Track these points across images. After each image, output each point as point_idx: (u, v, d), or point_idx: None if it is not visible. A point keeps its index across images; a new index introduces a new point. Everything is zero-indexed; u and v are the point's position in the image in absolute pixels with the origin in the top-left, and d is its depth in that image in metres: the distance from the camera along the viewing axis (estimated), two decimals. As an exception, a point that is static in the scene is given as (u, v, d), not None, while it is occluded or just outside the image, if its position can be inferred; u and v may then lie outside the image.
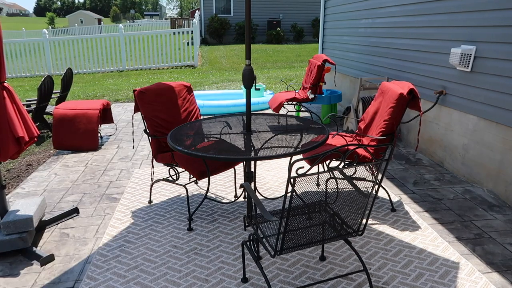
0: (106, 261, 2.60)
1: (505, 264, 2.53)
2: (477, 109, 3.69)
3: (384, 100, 3.28)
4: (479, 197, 3.48)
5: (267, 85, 9.43)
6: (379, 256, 2.60)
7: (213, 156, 2.36)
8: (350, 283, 2.35)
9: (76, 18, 61.26)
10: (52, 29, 34.86)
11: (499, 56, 3.38)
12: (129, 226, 3.04)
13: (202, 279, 2.40)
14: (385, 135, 3.11)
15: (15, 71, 12.37)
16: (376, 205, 3.32)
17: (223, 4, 22.04)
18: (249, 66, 2.71)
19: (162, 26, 32.05)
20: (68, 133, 4.85)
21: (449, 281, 2.35)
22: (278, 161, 4.36)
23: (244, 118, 3.30)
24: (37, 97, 5.15)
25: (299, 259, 2.58)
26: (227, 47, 19.09)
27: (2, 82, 2.45)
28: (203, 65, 13.83)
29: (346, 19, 6.67)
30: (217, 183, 3.78)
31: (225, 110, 6.57)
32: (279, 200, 3.41)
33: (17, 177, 4.12)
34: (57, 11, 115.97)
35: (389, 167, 4.18)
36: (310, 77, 5.43)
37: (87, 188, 3.76)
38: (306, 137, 2.77)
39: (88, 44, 12.81)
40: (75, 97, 8.37)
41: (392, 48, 5.15)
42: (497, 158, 3.49)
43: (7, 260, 2.63)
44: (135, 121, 6.23)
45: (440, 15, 4.15)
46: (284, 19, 22.25)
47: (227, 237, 2.86)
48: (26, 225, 2.64)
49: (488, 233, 2.90)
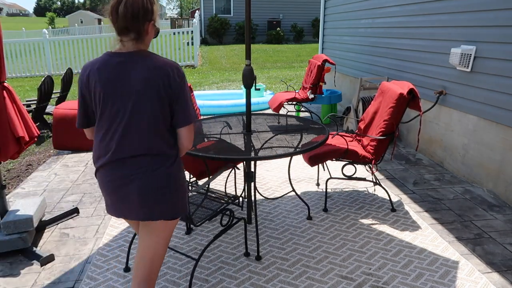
0: (106, 261, 2.60)
1: (505, 264, 2.53)
2: (477, 109, 3.69)
3: (384, 100, 3.28)
4: (479, 197, 3.48)
5: (267, 85, 9.43)
6: (379, 256, 2.60)
7: (213, 156, 2.36)
8: (350, 283, 2.35)
9: (76, 18, 61.26)
10: (52, 29, 34.87)
11: (499, 56, 3.38)
12: (129, 226, 3.04)
13: (202, 279, 2.40)
14: (385, 135, 3.11)
15: (15, 71, 12.37)
16: (376, 205, 3.33)
17: (223, 4, 22.04)
18: (249, 66, 2.71)
19: (162, 26, 32.08)
20: (68, 133, 4.85)
21: (449, 281, 2.35)
22: (278, 161, 4.36)
23: (244, 118, 3.30)
24: (37, 97, 5.15)
25: (299, 259, 2.58)
26: (227, 47, 19.09)
27: (2, 82, 2.45)
28: (203, 65, 13.83)
29: (346, 19, 6.67)
30: (217, 183, 3.78)
31: (225, 110, 6.57)
32: (279, 200, 3.41)
33: (17, 177, 4.12)
34: (57, 11, 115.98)
35: (389, 167, 4.18)
36: (310, 77, 5.43)
37: (87, 188, 3.76)
38: (306, 137, 2.77)
39: (88, 44, 12.80)
40: (75, 97, 8.37)
41: (392, 48, 5.15)
42: (497, 158, 3.49)
43: (7, 260, 2.63)
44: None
45: (440, 15, 4.15)
46: (284, 19, 22.24)
47: (227, 237, 2.86)
48: (26, 225, 2.64)
49: (488, 233, 2.90)
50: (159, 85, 1.51)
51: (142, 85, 1.51)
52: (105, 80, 1.52)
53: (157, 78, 1.51)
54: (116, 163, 1.57)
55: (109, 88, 1.52)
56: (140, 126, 1.54)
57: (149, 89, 1.51)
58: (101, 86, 1.52)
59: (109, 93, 1.53)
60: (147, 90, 1.51)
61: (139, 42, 1.56)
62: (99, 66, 1.54)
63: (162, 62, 1.54)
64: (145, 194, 1.56)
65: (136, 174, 1.55)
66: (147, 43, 1.59)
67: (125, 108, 1.53)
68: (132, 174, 1.55)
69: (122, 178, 1.56)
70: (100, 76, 1.52)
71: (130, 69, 1.52)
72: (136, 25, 1.51)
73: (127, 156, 1.55)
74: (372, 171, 3.26)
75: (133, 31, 1.52)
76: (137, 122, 1.54)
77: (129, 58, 1.53)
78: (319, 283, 2.35)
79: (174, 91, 1.54)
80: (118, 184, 1.57)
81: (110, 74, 1.52)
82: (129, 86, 1.51)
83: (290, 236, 2.86)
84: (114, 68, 1.52)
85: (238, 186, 3.66)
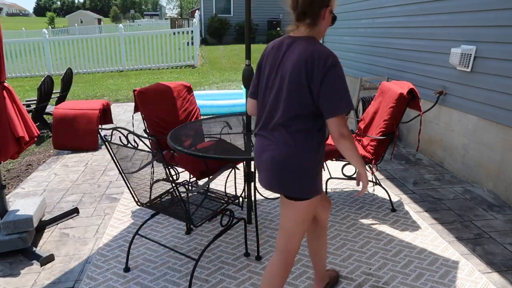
0: (106, 261, 2.60)
1: (505, 264, 2.53)
2: (477, 109, 3.69)
3: (384, 100, 3.28)
4: (479, 197, 3.48)
5: (267, 85, 9.41)
6: (379, 256, 2.60)
7: (214, 156, 2.36)
8: (350, 283, 2.35)
9: (76, 18, 61.24)
10: (52, 29, 34.86)
11: (499, 56, 3.38)
12: (129, 226, 3.04)
13: (202, 279, 2.40)
14: (385, 135, 3.11)
15: (15, 71, 12.36)
16: (376, 205, 3.33)
17: (223, 4, 22.04)
18: (249, 66, 2.71)
19: (162, 26, 32.03)
20: (68, 133, 4.85)
21: (449, 281, 2.35)
22: (278, 161, 4.35)
23: (244, 118, 3.30)
24: (37, 97, 5.14)
25: (299, 259, 2.58)
26: (227, 47, 19.09)
27: (2, 82, 2.45)
28: (203, 65, 13.83)
29: (346, 19, 6.67)
30: (217, 183, 3.78)
31: (225, 110, 6.56)
32: (278, 200, 3.41)
33: (17, 177, 4.12)
34: (57, 11, 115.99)
35: (389, 167, 4.18)
36: (310, 77, 5.42)
37: (87, 188, 3.76)
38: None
39: (88, 44, 12.80)
40: (75, 97, 8.37)
41: (392, 48, 5.15)
42: (497, 158, 3.49)
43: (7, 260, 2.63)
44: (135, 121, 6.23)
45: (440, 15, 4.15)
46: (284, 19, 22.24)
47: (227, 237, 2.86)
48: (26, 225, 2.64)
49: (488, 233, 2.90)
50: (304, 71, 1.59)
51: (291, 68, 1.62)
52: (271, 58, 1.73)
53: (302, 64, 1.59)
54: (263, 132, 1.77)
55: (271, 66, 1.72)
56: (282, 106, 1.67)
57: (295, 74, 1.61)
58: (268, 63, 1.74)
59: (270, 70, 1.72)
60: (293, 74, 1.61)
61: (312, 28, 1.66)
62: (274, 45, 1.75)
63: (315, 50, 1.60)
64: (274, 165, 1.70)
65: (272, 145, 1.71)
66: (321, 29, 1.69)
67: (277, 87, 1.69)
68: (270, 145, 1.72)
69: (263, 146, 1.75)
70: (270, 54, 1.74)
71: (290, 52, 1.65)
72: (313, 10, 1.62)
73: (270, 128, 1.73)
74: (372, 171, 3.26)
75: (309, 16, 1.64)
76: (282, 102, 1.66)
77: (295, 42, 1.66)
78: (319, 283, 2.35)
79: (317, 79, 1.58)
80: (259, 151, 1.77)
81: (275, 54, 1.71)
82: (283, 67, 1.66)
83: (290, 236, 2.86)
84: (280, 49, 1.70)
85: (238, 186, 3.67)
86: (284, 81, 1.65)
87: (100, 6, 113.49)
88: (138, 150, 2.10)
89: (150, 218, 2.55)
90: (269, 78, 1.73)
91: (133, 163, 2.27)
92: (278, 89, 1.68)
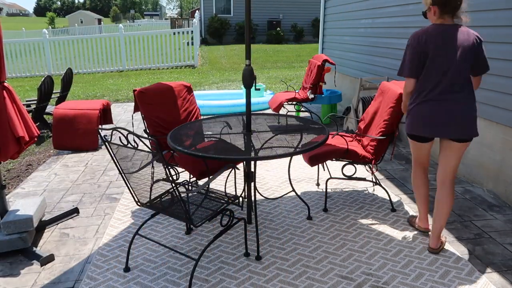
0: (106, 261, 2.60)
1: (505, 264, 2.53)
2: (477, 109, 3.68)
3: (384, 100, 3.28)
4: (479, 197, 3.48)
5: (267, 85, 9.43)
6: (379, 256, 2.60)
7: (214, 156, 2.36)
8: (350, 283, 2.35)
9: (76, 18, 61.27)
10: (52, 29, 34.87)
11: (499, 56, 3.38)
12: (129, 226, 3.04)
13: (202, 279, 2.40)
14: (385, 135, 3.11)
15: (15, 71, 12.37)
16: (376, 205, 3.33)
17: (223, 4, 22.06)
18: (249, 66, 2.71)
19: (162, 26, 32.04)
20: (68, 133, 4.85)
21: (449, 281, 2.35)
22: (278, 161, 4.36)
23: (244, 118, 3.30)
24: (37, 97, 5.15)
25: (299, 259, 2.58)
26: (227, 47, 19.10)
27: (2, 82, 2.45)
28: (203, 65, 13.84)
29: (346, 19, 6.67)
30: (217, 183, 3.79)
31: (225, 110, 6.57)
32: (278, 200, 3.41)
33: (17, 177, 4.12)
34: (57, 11, 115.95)
35: (389, 167, 4.18)
36: (310, 77, 5.43)
37: (87, 188, 3.77)
38: (306, 137, 2.77)
39: (88, 44, 12.81)
40: (75, 97, 8.38)
41: (392, 48, 5.15)
42: (497, 158, 3.49)
43: (7, 260, 2.63)
44: (135, 121, 6.23)
45: (440, 15, 4.14)
46: (284, 19, 22.26)
47: (227, 237, 2.86)
48: (26, 225, 2.64)
49: (488, 233, 2.90)
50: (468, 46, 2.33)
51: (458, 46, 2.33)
52: (438, 42, 2.34)
53: (466, 42, 2.32)
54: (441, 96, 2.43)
55: (440, 48, 2.33)
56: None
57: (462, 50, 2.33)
58: (434, 46, 2.33)
59: (439, 51, 2.33)
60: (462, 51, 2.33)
61: (455, 17, 2.37)
62: (431, 33, 2.35)
63: (467, 31, 2.35)
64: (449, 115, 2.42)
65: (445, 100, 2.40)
66: (458, 15, 2.38)
67: (450, 61, 2.33)
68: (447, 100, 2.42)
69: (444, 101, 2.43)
70: (434, 39, 2.34)
71: (452, 35, 2.33)
72: (459, 3, 2.34)
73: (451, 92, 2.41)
74: (372, 171, 3.26)
75: (457, 8, 2.34)
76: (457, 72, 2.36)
77: (453, 28, 2.34)
78: (319, 283, 2.35)
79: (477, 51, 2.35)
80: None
81: (441, 38, 2.34)
82: (452, 47, 2.32)
83: (290, 236, 2.86)
84: (442, 34, 2.34)
85: (238, 186, 3.67)
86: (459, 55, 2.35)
87: (100, 6, 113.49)
88: (138, 150, 2.10)
89: (150, 218, 2.55)
90: (439, 57, 2.36)
91: (133, 163, 2.27)
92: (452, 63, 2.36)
